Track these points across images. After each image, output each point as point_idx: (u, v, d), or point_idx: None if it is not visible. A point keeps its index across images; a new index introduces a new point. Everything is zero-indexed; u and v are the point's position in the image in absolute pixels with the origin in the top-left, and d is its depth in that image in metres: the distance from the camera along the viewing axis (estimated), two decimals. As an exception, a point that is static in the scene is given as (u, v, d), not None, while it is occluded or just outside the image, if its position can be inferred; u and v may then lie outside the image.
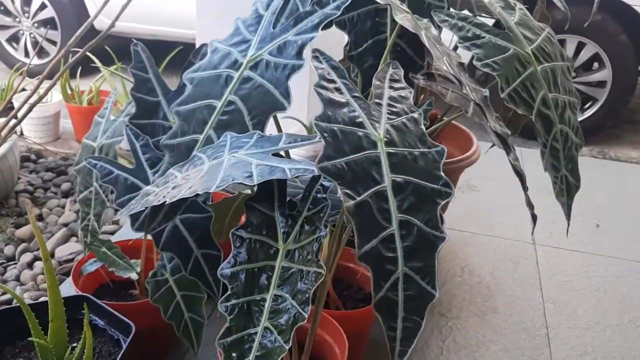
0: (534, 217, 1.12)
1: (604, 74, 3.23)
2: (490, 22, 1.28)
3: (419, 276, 0.82)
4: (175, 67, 2.61)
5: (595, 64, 3.29)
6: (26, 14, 3.98)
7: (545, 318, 1.76)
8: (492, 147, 1.64)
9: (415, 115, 0.93)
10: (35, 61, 3.90)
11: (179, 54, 2.69)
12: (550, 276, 1.97)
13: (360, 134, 0.86)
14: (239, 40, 1.05)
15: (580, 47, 3.22)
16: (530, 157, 2.71)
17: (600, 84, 3.27)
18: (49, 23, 3.95)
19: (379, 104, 0.93)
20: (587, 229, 2.26)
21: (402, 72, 1.00)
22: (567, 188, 1.25)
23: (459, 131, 2.02)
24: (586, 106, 3.32)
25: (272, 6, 1.06)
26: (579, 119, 3.25)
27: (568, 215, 1.26)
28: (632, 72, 3.21)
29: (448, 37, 1.29)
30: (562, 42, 3.19)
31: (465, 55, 1.19)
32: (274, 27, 1.04)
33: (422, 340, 1.63)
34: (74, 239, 2.06)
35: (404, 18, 1.03)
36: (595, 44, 3.19)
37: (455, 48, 1.44)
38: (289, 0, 1.06)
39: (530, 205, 1.10)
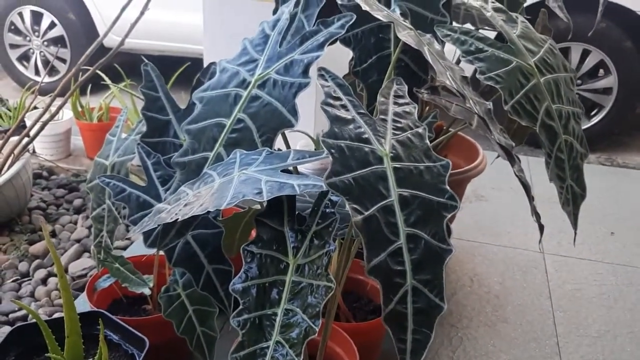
0: (541, 227, 1.13)
1: (610, 80, 3.24)
2: (492, 35, 1.30)
3: (427, 289, 0.84)
4: (183, 83, 2.65)
5: (601, 71, 3.30)
6: (36, 33, 4.04)
7: (555, 327, 1.76)
8: (497, 157, 1.66)
9: (420, 130, 0.95)
10: (46, 79, 3.96)
11: (186, 69, 2.73)
12: (559, 285, 1.97)
13: (367, 149, 0.88)
14: (247, 59, 1.08)
15: (585, 54, 3.23)
16: (538, 165, 2.72)
17: (606, 90, 3.28)
18: (58, 41, 4.01)
19: (384, 120, 0.95)
20: (595, 237, 2.26)
21: (405, 87, 1.02)
22: (573, 197, 1.26)
23: (465, 142, 2.04)
24: (592, 113, 3.32)
25: (278, 26, 1.09)
26: (586, 127, 3.27)
27: (575, 224, 1.27)
28: (637, 78, 3.21)
29: (451, 49, 1.31)
30: (566, 50, 3.20)
31: (468, 68, 1.21)
32: (280, 46, 1.07)
33: (433, 351, 1.63)
34: (87, 254, 2.09)
35: (406, 34, 1.06)
36: (600, 51, 3.20)
37: (458, 62, 1.46)
38: (294, 19, 1.09)
39: (536, 215, 1.11)
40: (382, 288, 0.82)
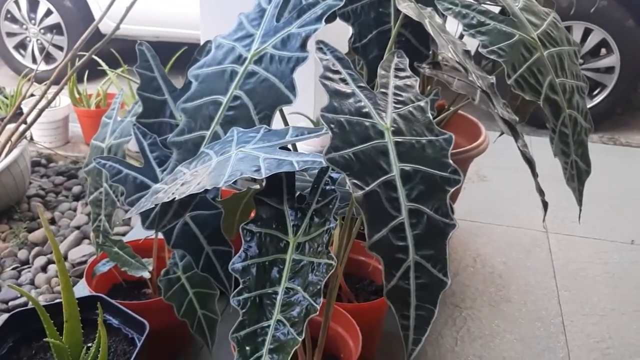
0: (545, 204, 1.11)
1: (612, 59, 3.21)
2: (495, 9, 1.27)
3: (430, 264, 0.82)
4: (180, 68, 2.62)
5: (603, 50, 3.27)
6: (32, 21, 4.00)
7: (560, 306, 1.75)
8: (500, 135, 1.63)
9: (422, 103, 0.93)
10: (43, 67, 3.93)
11: (183, 54, 2.69)
12: (563, 264, 1.95)
13: (367, 124, 0.86)
14: (243, 34, 1.05)
15: (587, 33, 3.19)
16: (541, 145, 2.68)
17: (609, 69, 3.25)
18: (55, 29, 3.98)
19: (385, 94, 0.92)
20: (599, 216, 2.24)
21: (407, 61, 1.00)
22: (577, 173, 1.24)
23: (467, 121, 2.01)
24: (595, 92, 3.29)
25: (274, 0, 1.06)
26: (588, 106, 3.23)
27: (580, 201, 1.25)
28: (640, 57, 3.18)
29: (453, 27, 1.29)
30: (568, 29, 3.16)
31: (471, 45, 1.18)
32: (277, 21, 1.04)
33: (436, 332, 1.62)
34: (87, 241, 2.08)
35: (407, 7, 1.03)
36: (602, 30, 3.16)
37: (461, 37, 1.43)
38: (291, -4, 1.06)
39: (540, 192, 1.09)
40: (384, 264, 0.80)
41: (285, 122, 1.12)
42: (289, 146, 0.97)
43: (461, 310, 1.71)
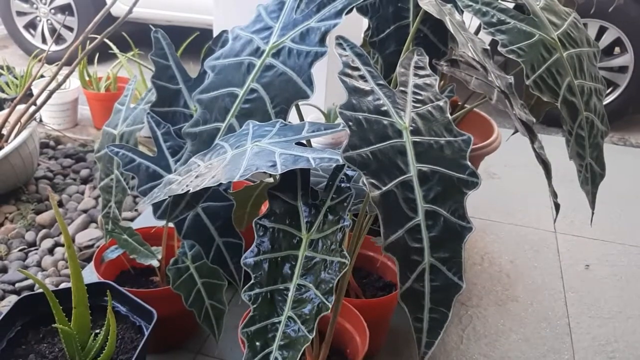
0: (557, 206, 1.11)
1: (626, 59, 3.17)
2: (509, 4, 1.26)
3: (445, 267, 0.81)
4: (191, 54, 2.60)
5: (617, 49, 3.23)
6: (43, 1, 3.98)
7: (567, 307, 1.74)
8: (514, 134, 1.62)
9: (441, 103, 0.92)
10: (53, 48, 3.91)
11: (195, 40, 2.68)
12: (571, 265, 1.94)
13: (386, 122, 0.85)
14: (261, 27, 1.04)
15: (601, 31, 3.16)
16: (550, 144, 2.66)
17: (622, 69, 3.21)
18: (65, 9, 3.96)
19: (404, 92, 0.91)
20: (608, 218, 2.23)
21: (427, 59, 0.99)
22: (592, 176, 1.23)
23: (480, 118, 1.99)
24: (607, 92, 3.26)
25: (294, -8, 1.05)
26: (600, 105, 3.21)
27: (592, 204, 1.24)
28: (655, 57, 3.14)
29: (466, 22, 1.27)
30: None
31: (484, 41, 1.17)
32: (296, 14, 1.03)
33: (442, 329, 1.62)
34: (94, 225, 2.08)
35: (428, 3, 1.01)
36: (617, 29, 3.12)
37: (477, 32, 1.41)
38: (311, -14, 1.05)
39: (554, 195, 1.08)
40: (399, 265, 0.80)
41: (301, 117, 1.11)
42: (304, 140, 0.96)
43: (467, 309, 1.71)
